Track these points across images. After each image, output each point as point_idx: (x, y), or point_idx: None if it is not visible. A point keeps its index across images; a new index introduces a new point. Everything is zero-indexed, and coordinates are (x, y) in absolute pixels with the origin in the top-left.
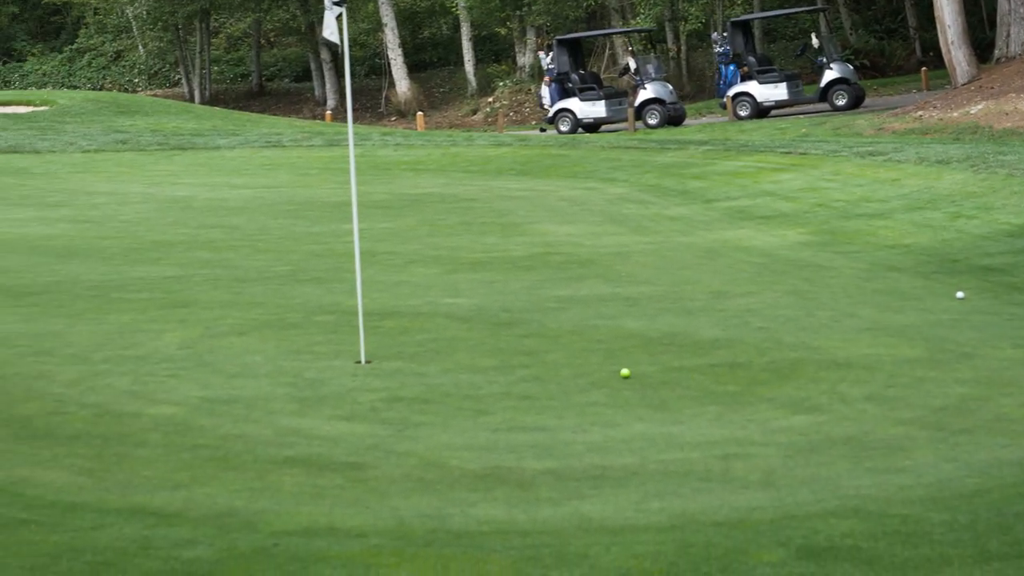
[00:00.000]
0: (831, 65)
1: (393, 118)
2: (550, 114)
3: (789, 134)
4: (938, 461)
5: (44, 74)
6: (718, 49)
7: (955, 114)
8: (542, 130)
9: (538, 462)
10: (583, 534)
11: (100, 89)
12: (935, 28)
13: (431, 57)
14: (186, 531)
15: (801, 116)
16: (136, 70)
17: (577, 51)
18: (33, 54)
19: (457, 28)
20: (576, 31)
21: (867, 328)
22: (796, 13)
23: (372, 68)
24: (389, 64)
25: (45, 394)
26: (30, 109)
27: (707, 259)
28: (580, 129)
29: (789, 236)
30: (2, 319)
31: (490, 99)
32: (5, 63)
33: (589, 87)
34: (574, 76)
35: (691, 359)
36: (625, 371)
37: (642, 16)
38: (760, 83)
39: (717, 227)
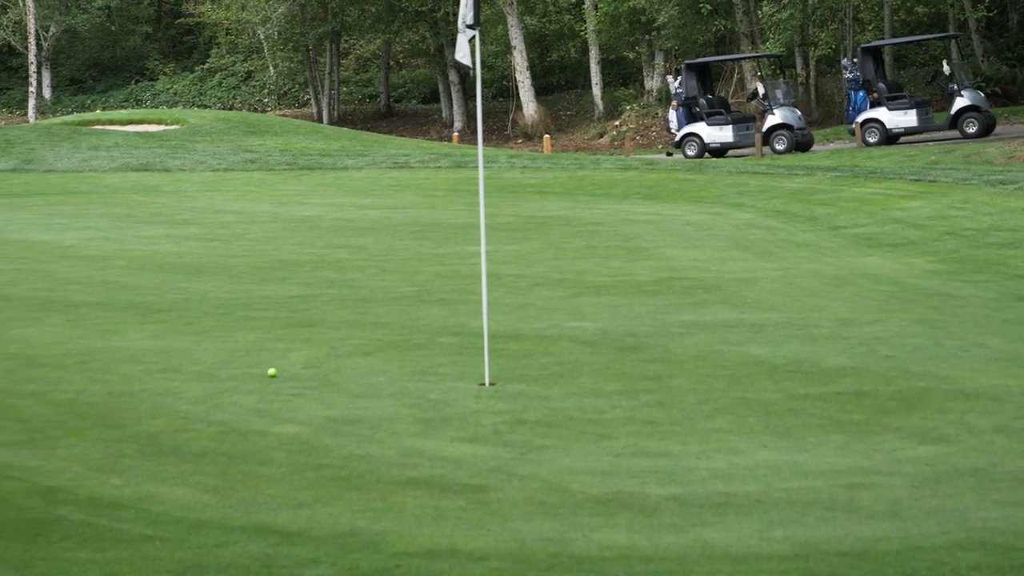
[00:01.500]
0: (962, 92)
1: (519, 140)
2: (677, 138)
3: (918, 161)
4: None
5: (176, 93)
6: (847, 75)
7: None
8: (669, 154)
9: (661, 488)
10: (706, 561)
11: (230, 109)
12: None
13: (558, 80)
14: (309, 550)
15: (931, 143)
16: (266, 90)
17: (705, 75)
18: (165, 73)
19: (585, 51)
20: (705, 55)
21: (996, 358)
22: (928, 40)
23: (500, 90)
24: (517, 86)
25: (172, 411)
26: (162, 128)
27: (834, 286)
28: (707, 154)
29: (917, 264)
30: (131, 336)
31: (617, 123)
32: (138, 82)
33: (717, 112)
34: (702, 100)
35: (817, 387)
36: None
37: (771, 41)
38: (890, 110)
39: (844, 254)
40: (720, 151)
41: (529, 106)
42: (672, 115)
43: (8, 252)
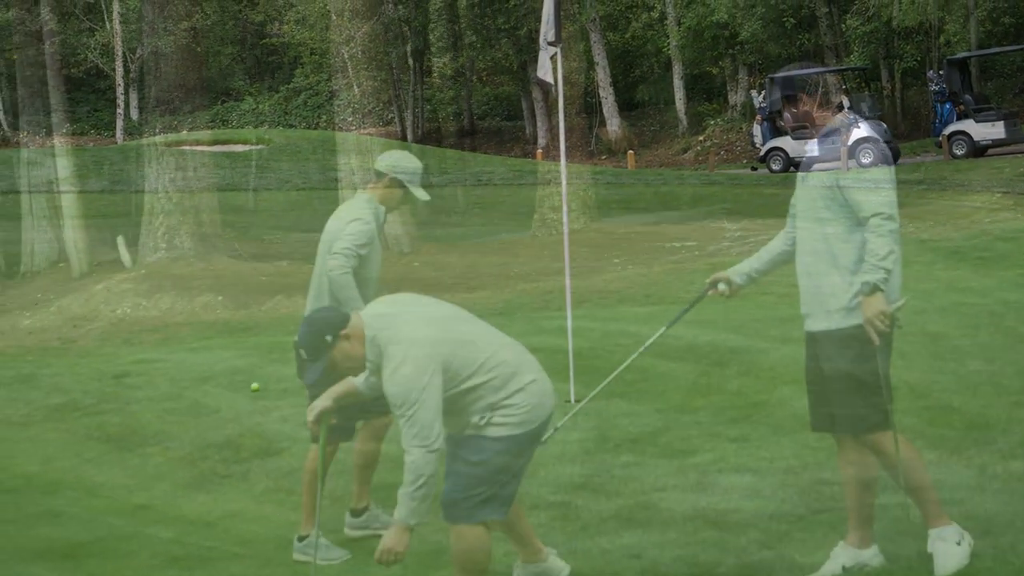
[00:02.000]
0: None
1: (603, 156)
2: (762, 153)
3: (1007, 173)
4: None
5: (261, 113)
6: (934, 87)
7: None
8: (753, 168)
9: (748, 504)
10: None
11: (315, 128)
12: None
13: (642, 96)
14: (398, 568)
15: (1019, 155)
16: (350, 109)
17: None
18: (250, 93)
19: (668, 67)
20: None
21: None
22: (1015, 51)
23: (583, 107)
24: (600, 103)
25: (259, 429)
26: (247, 147)
27: (921, 300)
28: (792, 168)
29: (1008, 277)
30: (218, 353)
31: (701, 138)
32: (223, 102)
33: (801, 126)
34: (786, 114)
35: (905, 401)
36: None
37: (856, 54)
38: (977, 122)
39: (932, 268)
40: None
41: (612, 122)
42: (756, 129)
43: (98, 273)
